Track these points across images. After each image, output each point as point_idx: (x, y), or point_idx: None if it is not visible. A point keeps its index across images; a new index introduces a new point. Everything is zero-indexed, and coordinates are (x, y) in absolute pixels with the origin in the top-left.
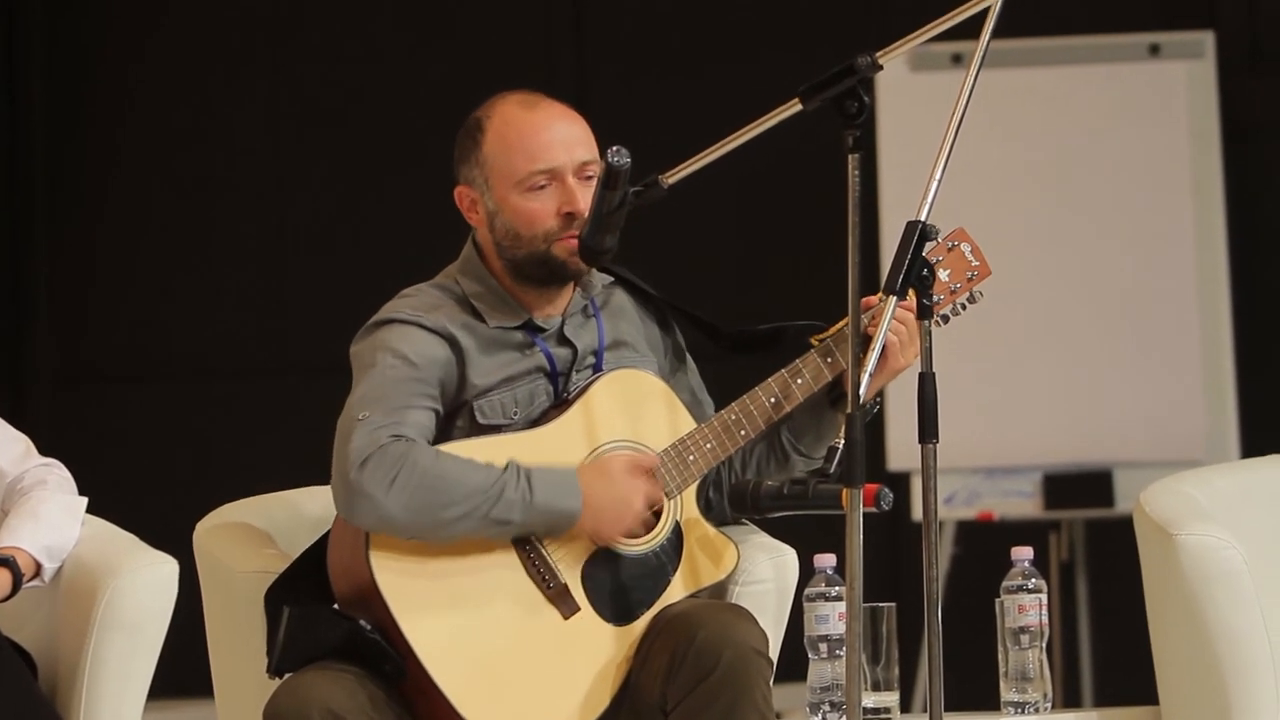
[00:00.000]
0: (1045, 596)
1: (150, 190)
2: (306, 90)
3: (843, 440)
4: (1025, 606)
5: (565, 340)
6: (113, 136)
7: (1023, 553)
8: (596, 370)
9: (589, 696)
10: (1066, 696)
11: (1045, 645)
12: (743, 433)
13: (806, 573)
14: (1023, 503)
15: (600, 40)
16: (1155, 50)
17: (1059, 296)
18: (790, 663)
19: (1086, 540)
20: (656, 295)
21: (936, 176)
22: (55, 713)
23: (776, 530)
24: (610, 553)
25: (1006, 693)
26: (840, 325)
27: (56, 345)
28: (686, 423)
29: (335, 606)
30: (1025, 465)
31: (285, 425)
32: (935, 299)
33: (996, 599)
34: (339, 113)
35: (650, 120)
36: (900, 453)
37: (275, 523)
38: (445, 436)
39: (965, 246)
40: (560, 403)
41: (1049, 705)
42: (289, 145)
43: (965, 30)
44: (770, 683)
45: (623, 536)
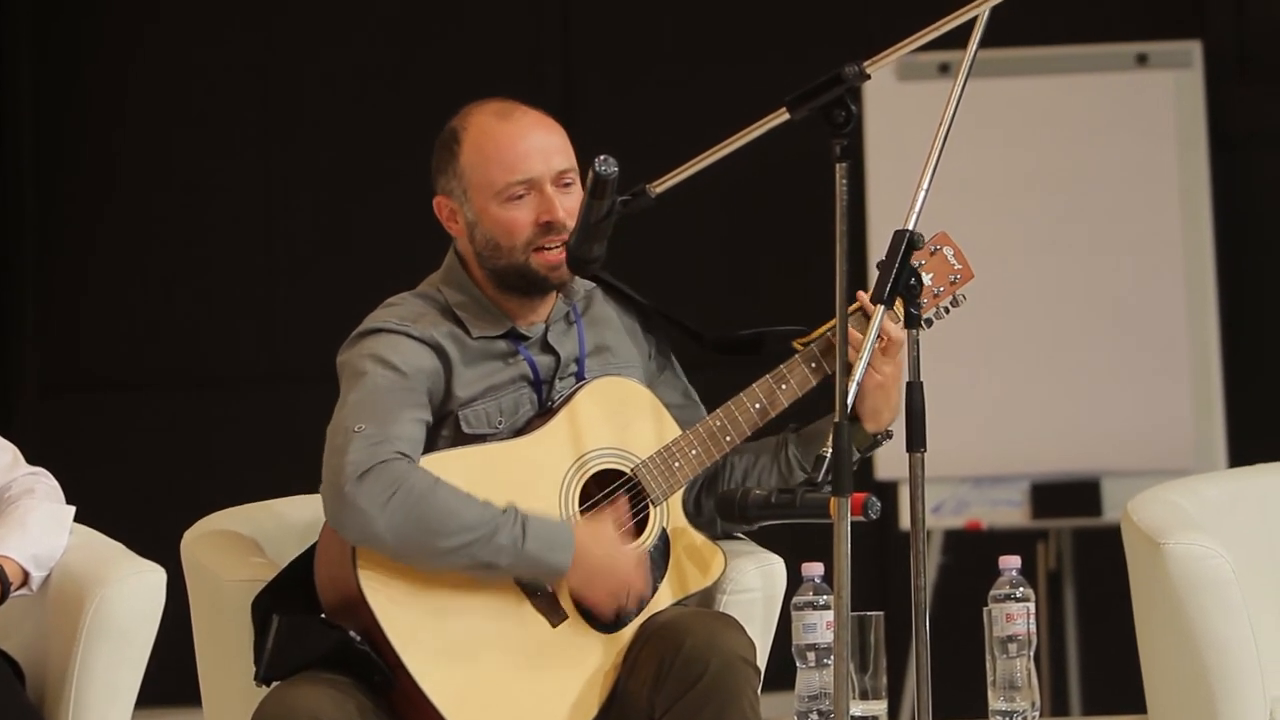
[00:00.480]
0: (1033, 605)
1: (139, 199)
2: (296, 99)
3: (830, 449)
4: (1013, 615)
5: (548, 348)
6: (102, 145)
7: (1010, 561)
8: (579, 377)
9: (577, 705)
10: (1054, 705)
11: (1033, 654)
12: (728, 439)
13: (794, 581)
14: (1010, 512)
15: (587, 48)
16: (1143, 60)
17: (1046, 305)
18: (778, 671)
19: (1074, 549)
20: (639, 299)
21: (924, 185)
22: None
23: (764, 539)
24: None
25: (994, 701)
26: (823, 330)
27: (44, 353)
28: (671, 429)
29: (323, 616)
30: (1013, 474)
31: (273, 434)
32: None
33: (984, 608)
34: (328, 121)
35: (637, 127)
36: (888, 462)
37: (263, 532)
38: (430, 446)
39: (948, 250)
40: (545, 411)
41: (1037, 714)
42: (278, 153)
43: (953, 39)
44: (758, 691)
45: (609, 610)
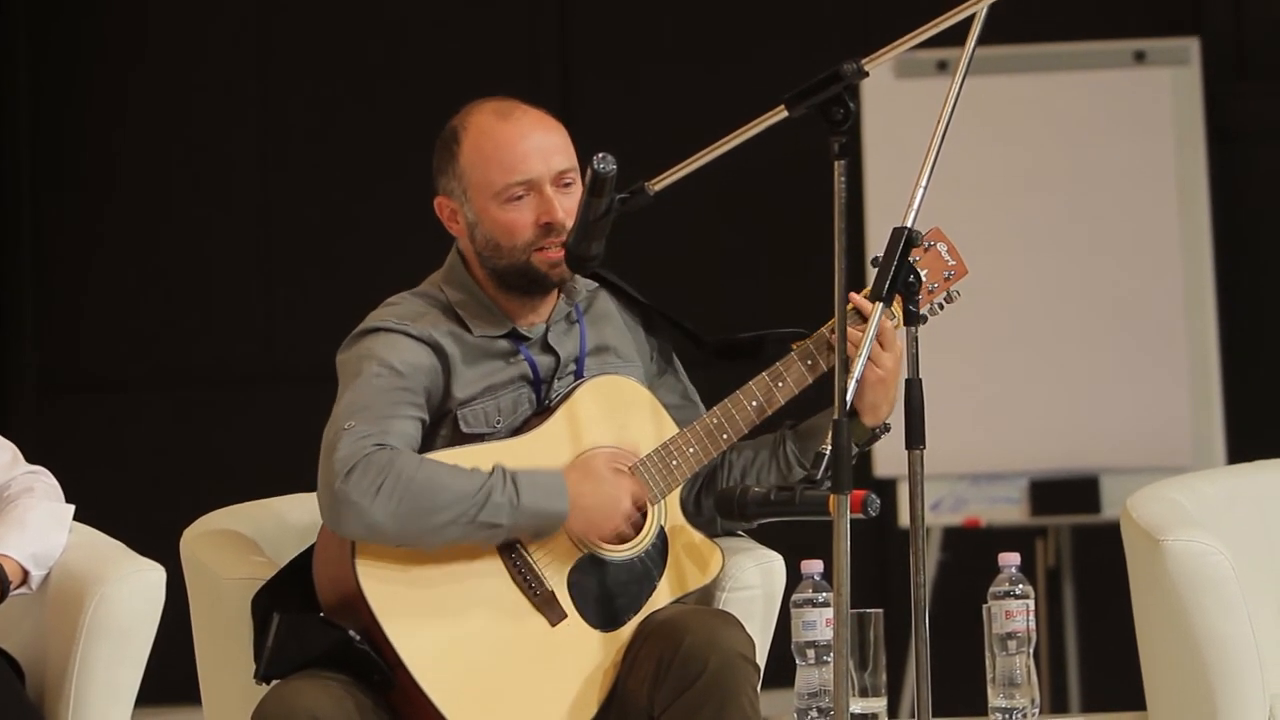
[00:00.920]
0: (1032, 602)
1: (139, 199)
2: (294, 99)
3: (830, 446)
4: (1012, 612)
5: (549, 348)
6: (100, 144)
7: (1010, 558)
8: (578, 376)
9: (576, 703)
10: (1054, 702)
11: (1032, 651)
12: (725, 436)
13: (793, 578)
14: (1009, 509)
15: (585, 46)
16: (1141, 57)
17: (1044, 302)
18: (777, 669)
19: (1073, 546)
20: (642, 299)
21: (922, 183)
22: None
23: (763, 536)
24: (596, 559)
25: (994, 698)
26: (821, 331)
27: (44, 352)
28: (670, 428)
29: (323, 615)
30: (1012, 471)
31: (272, 433)
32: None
33: (983, 605)
34: (326, 122)
35: (636, 125)
36: (887, 459)
37: (262, 530)
38: (429, 445)
39: (941, 246)
40: (543, 410)
41: (1036, 711)
42: (277, 153)
43: (950, 37)
44: (757, 688)
45: (613, 535)
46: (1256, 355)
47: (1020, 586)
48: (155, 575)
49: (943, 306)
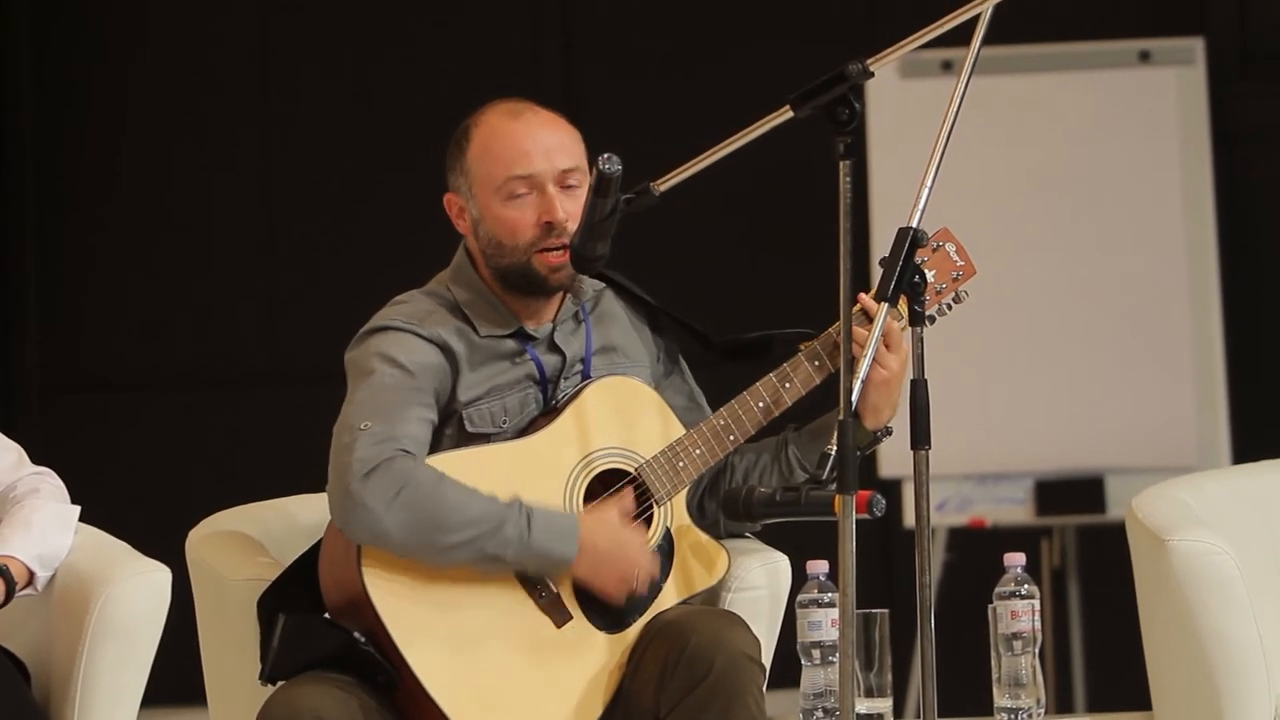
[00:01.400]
0: (1037, 602)
1: (141, 199)
2: (296, 98)
3: (835, 447)
4: (1018, 612)
5: (555, 347)
6: (103, 144)
7: (1015, 559)
8: (585, 376)
9: (582, 705)
10: (1059, 702)
11: (1038, 651)
12: (732, 438)
13: (799, 579)
14: (1015, 509)
15: (588, 46)
16: (1145, 56)
17: (1050, 302)
18: (783, 669)
19: (1078, 546)
20: (649, 300)
21: (928, 183)
22: None
23: (769, 537)
24: None
25: (999, 698)
26: (829, 331)
27: (48, 354)
28: (676, 429)
29: (327, 616)
30: (1017, 471)
31: (277, 434)
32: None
33: (989, 605)
34: (329, 121)
35: (641, 126)
36: (892, 459)
37: (267, 531)
38: (435, 445)
39: (950, 247)
40: (550, 410)
41: (1042, 711)
42: (279, 152)
43: (955, 37)
44: (763, 689)
45: (616, 591)
46: (1262, 355)
47: (1025, 587)
48: (161, 576)
49: (950, 307)
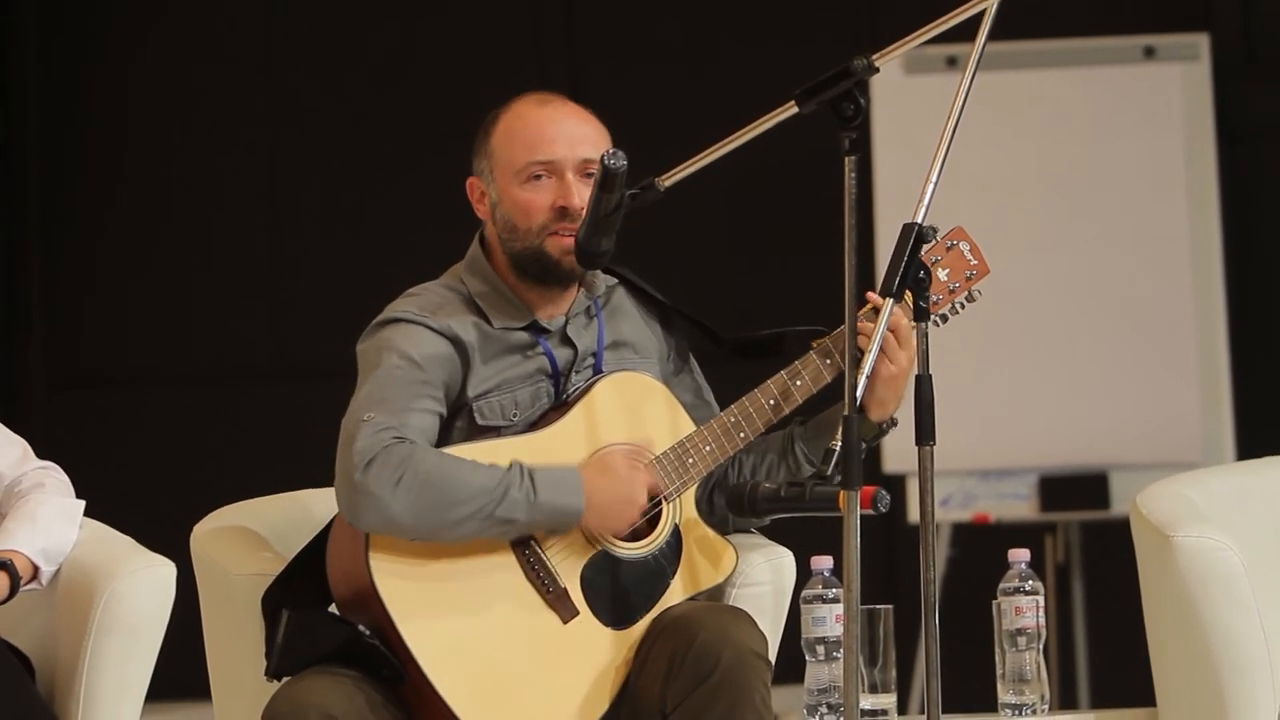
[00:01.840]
0: (1042, 598)
1: (147, 194)
2: (302, 93)
3: (840, 443)
4: (1022, 608)
5: (568, 340)
6: (108, 140)
7: (1019, 555)
8: (596, 371)
9: (588, 700)
10: (1063, 698)
11: (1042, 647)
12: (742, 435)
13: (803, 575)
14: (1019, 505)
15: (592, 41)
16: (1150, 53)
17: (1054, 299)
18: (787, 665)
19: (1083, 542)
20: (660, 298)
21: (932, 179)
22: (53, 715)
23: (773, 532)
24: (610, 556)
25: (1003, 694)
26: (841, 328)
27: (53, 349)
28: (686, 425)
29: (333, 609)
30: (1021, 467)
31: (282, 428)
32: (934, 299)
33: (993, 601)
34: (335, 115)
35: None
36: (897, 455)
37: (272, 526)
38: (445, 437)
39: (964, 245)
40: (561, 404)
41: (1046, 707)
42: (283, 148)
43: (960, 33)
44: (769, 685)
45: (628, 530)
46: (1266, 350)
47: (1030, 582)
48: (166, 571)
49: (964, 306)
